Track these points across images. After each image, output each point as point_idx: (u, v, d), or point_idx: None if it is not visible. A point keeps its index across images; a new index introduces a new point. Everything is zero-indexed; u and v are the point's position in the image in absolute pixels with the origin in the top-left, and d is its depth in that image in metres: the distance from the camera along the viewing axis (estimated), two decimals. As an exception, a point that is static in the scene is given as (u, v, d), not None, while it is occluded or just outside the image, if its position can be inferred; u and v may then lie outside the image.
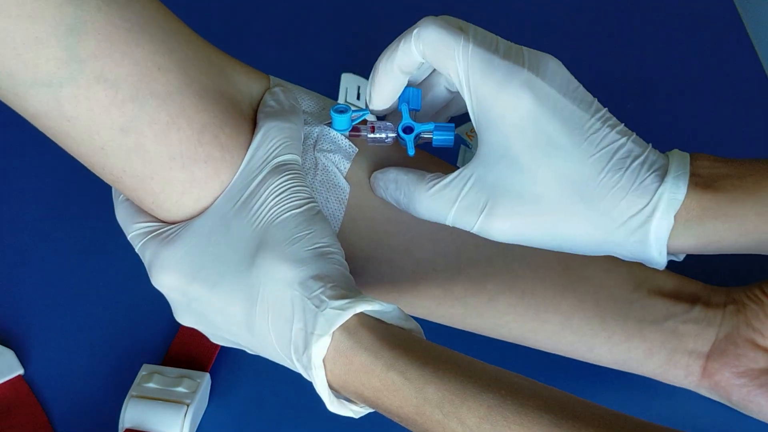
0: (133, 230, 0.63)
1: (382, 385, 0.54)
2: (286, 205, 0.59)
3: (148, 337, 0.76)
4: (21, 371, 0.74)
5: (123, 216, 0.64)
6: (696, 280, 0.74)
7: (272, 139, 0.61)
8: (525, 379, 0.53)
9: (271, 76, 0.66)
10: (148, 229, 0.62)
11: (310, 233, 0.58)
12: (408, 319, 0.57)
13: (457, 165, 0.75)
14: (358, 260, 0.65)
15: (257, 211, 0.59)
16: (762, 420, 0.72)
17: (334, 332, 0.55)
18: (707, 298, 0.73)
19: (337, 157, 0.64)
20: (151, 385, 0.71)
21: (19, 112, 0.59)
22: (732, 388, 0.71)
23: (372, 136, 0.65)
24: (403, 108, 0.64)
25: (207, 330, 0.62)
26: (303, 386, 0.59)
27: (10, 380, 0.74)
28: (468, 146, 0.68)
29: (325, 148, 0.65)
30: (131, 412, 0.70)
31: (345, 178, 0.65)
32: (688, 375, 0.72)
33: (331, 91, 0.88)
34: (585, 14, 1.00)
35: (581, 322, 0.71)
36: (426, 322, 0.70)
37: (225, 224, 0.60)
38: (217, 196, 0.61)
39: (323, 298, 0.55)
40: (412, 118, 0.64)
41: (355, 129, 0.65)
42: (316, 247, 0.58)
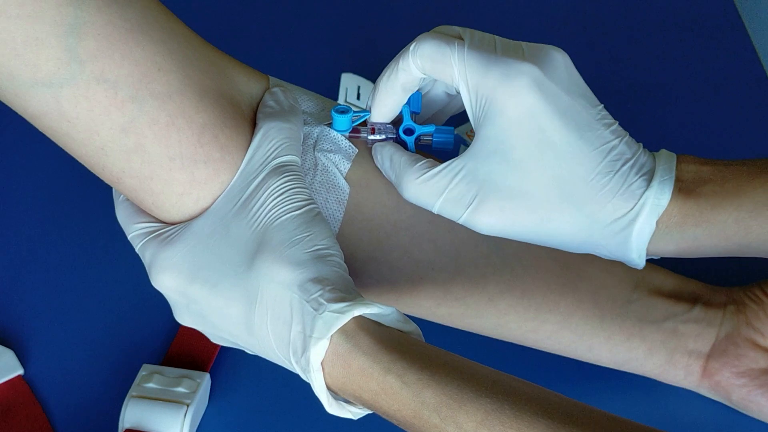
0: (133, 230, 0.63)
1: (380, 389, 0.54)
2: (286, 207, 0.59)
3: (148, 337, 0.76)
4: (21, 371, 0.74)
5: (123, 216, 0.64)
6: (696, 280, 0.74)
7: (272, 140, 0.61)
8: (522, 383, 0.53)
9: (270, 77, 0.66)
10: (148, 230, 0.62)
11: (309, 235, 0.58)
12: (407, 321, 0.57)
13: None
14: (357, 261, 0.65)
15: (256, 212, 0.59)
16: (762, 420, 0.72)
17: (332, 335, 0.55)
18: (707, 298, 0.73)
19: (337, 158, 0.64)
20: (151, 385, 0.71)
21: (20, 113, 0.59)
22: (732, 388, 0.71)
23: (372, 137, 0.65)
24: (405, 110, 0.65)
25: (207, 330, 0.62)
26: (303, 386, 0.59)
27: (10, 380, 0.74)
28: (468, 146, 0.68)
29: (325, 148, 0.65)
30: (131, 412, 0.70)
31: (345, 178, 0.65)
32: (688, 375, 0.72)
33: (331, 91, 0.89)
34: (585, 15, 1.00)
35: (580, 321, 0.71)
36: (426, 323, 0.70)
37: (224, 225, 0.60)
38: (217, 197, 0.61)
39: (321, 301, 0.55)
40: (412, 120, 0.65)
41: (355, 130, 0.65)
42: (315, 250, 0.58)
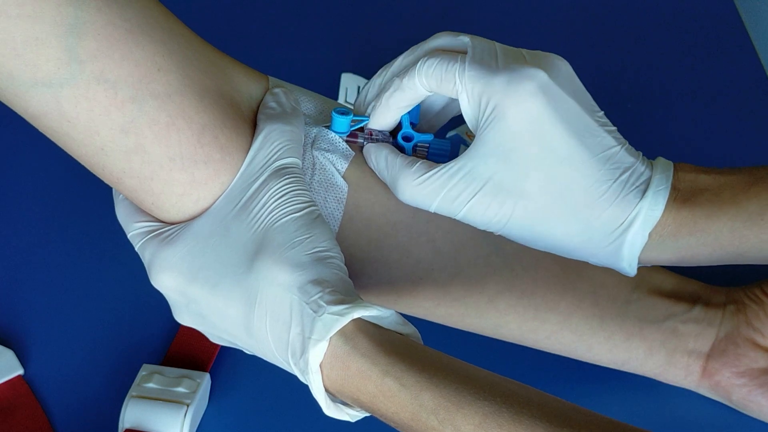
0: (133, 229, 0.62)
1: (378, 391, 0.54)
2: (287, 209, 0.59)
3: (148, 337, 0.76)
4: (21, 371, 0.74)
5: (123, 214, 0.64)
6: (696, 280, 0.74)
7: (273, 142, 0.61)
8: (521, 386, 0.53)
9: (270, 77, 0.66)
10: (148, 229, 0.62)
11: (309, 237, 0.58)
12: (406, 323, 0.57)
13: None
14: (356, 261, 0.65)
15: (257, 214, 0.59)
16: (762, 420, 0.72)
17: (331, 337, 0.55)
18: (707, 298, 0.73)
19: (335, 157, 0.64)
20: (151, 385, 0.71)
21: (20, 113, 0.59)
22: (732, 387, 0.71)
23: (369, 144, 0.65)
24: (404, 119, 0.65)
25: (206, 330, 0.62)
26: (302, 386, 0.59)
27: (10, 380, 0.74)
28: (468, 146, 0.68)
29: (323, 148, 0.65)
30: (131, 412, 0.70)
31: (342, 177, 0.65)
32: (688, 375, 0.72)
33: (331, 91, 0.89)
34: (584, 16, 1.00)
35: (580, 321, 0.71)
36: (425, 323, 0.70)
37: (224, 226, 0.60)
38: (217, 197, 0.61)
39: (321, 303, 0.55)
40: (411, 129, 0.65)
41: (353, 135, 0.65)
42: (316, 252, 0.57)
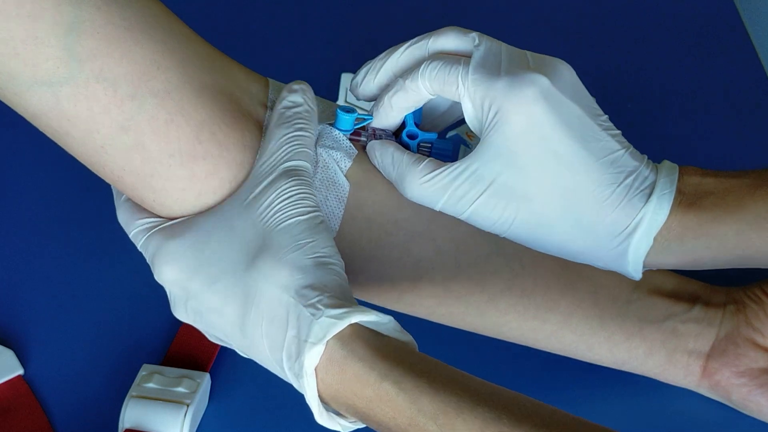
0: (136, 227, 0.62)
1: (376, 396, 0.53)
2: (292, 211, 0.59)
3: (148, 337, 0.76)
4: (21, 371, 0.74)
5: (124, 216, 0.64)
6: (696, 279, 0.74)
7: (284, 145, 0.61)
8: (520, 396, 0.53)
9: (270, 80, 0.66)
10: (151, 224, 0.62)
11: (312, 242, 0.58)
12: (403, 331, 0.56)
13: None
14: (357, 259, 0.65)
15: (262, 213, 0.59)
16: (762, 420, 0.72)
17: (327, 341, 0.54)
18: (707, 298, 0.73)
19: (339, 155, 0.64)
20: (151, 385, 0.71)
21: (19, 112, 0.59)
22: (732, 387, 0.71)
23: (373, 141, 0.65)
24: (408, 118, 0.65)
25: (202, 327, 0.62)
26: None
27: (10, 380, 0.74)
28: (468, 146, 0.68)
29: (327, 145, 0.65)
30: (131, 412, 0.70)
31: (345, 176, 0.65)
32: (688, 375, 0.72)
33: (331, 91, 0.89)
34: (584, 18, 1.00)
35: (580, 321, 0.71)
36: (426, 323, 0.70)
37: (229, 223, 0.60)
38: (217, 192, 0.61)
39: (319, 306, 0.55)
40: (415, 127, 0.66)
41: (356, 133, 0.65)
42: (317, 256, 0.57)
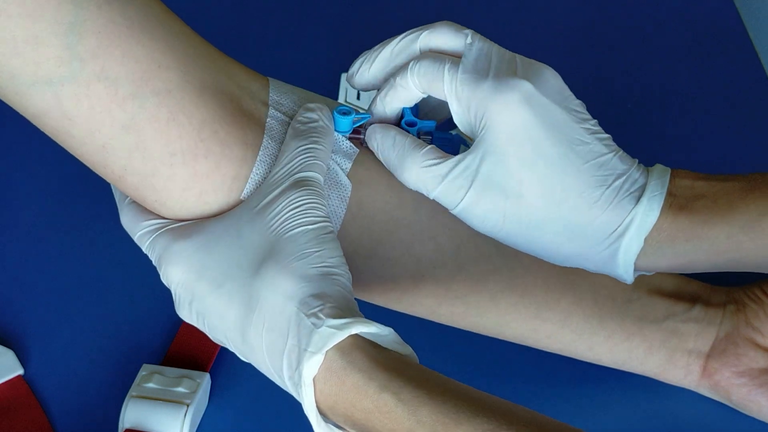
0: (141, 228, 0.62)
1: (374, 407, 0.53)
2: (300, 220, 0.59)
3: (148, 337, 0.76)
4: (21, 371, 0.74)
5: (128, 219, 0.64)
6: (696, 279, 0.74)
7: (298, 156, 0.61)
8: (518, 407, 0.53)
9: (270, 78, 0.66)
10: (157, 226, 0.62)
11: (318, 251, 0.58)
12: (403, 344, 0.56)
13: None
14: (359, 258, 0.65)
15: (271, 220, 0.59)
16: (762, 420, 0.72)
17: (327, 351, 0.54)
18: (707, 298, 0.73)
19: (339, 157, 0.65)
20: (151, 385, 0.71)
21: (20, 112, 0.60)
22: (732, 387, 0.71)
23: (375, 125, 0.65)
24: (405, 110, 0.65)
25: (205, 329, 0.62)
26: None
27: (10, 380, 0.74)
28: (468, 146, 0.68)
29: (328, 147, 0.65)
30: (131, 412, 0.70)
31: (346, 176, 0.65)
32: (688, 374, 0.72)
33: (331, 91, 0.89)
34: (585, 19, 1.00)
35: (580, 321, 0.71)
36: (427, 322, 0.70)
37: (238, 229, 0.60)
38: (219, 190, 0.61)
39: (321, 316, 0.55)
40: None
41: (356, 131, 0.65)
42: (323, 267, 0.57)
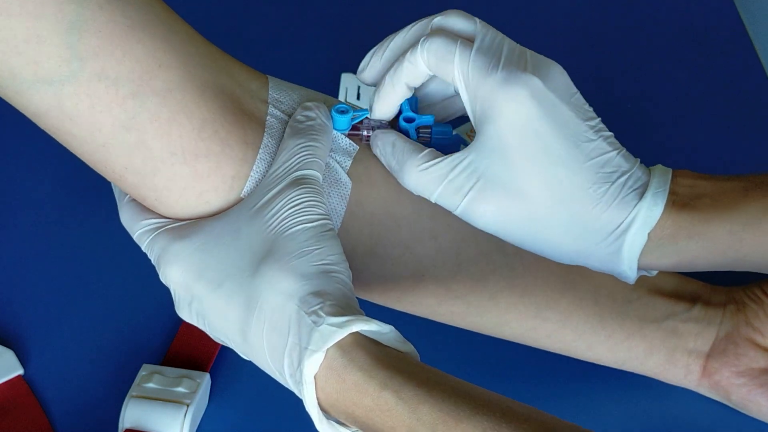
0: (140, 227, 0.62)
1: (375, 405, 0.53)
2: (299, 218, 0.59)
3: (148, 337, 0.76)
4: (21, 371, 0.74)
5: (127, 216, 0.64)
6: (696, 279, 0.74)
7: (296, 155, 0.61)
8: (518, 404, 0.53)
9: (270, 77, 0.66)
10: (156, 225, 0.62)
11: (318, 249, 0.58)
12: (404, 341, 0.56)
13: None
14: (359, 256, 0.65)
15: (269, 219, 0.59)
16: (762, 420, 0.72)
17: (328, 349, 0.54)
18: (707, 298, 0.73)
19: (338, 156, 0.65)
20: (151, 385, 0.71)
21: (21, 111, 0.60)
22: (732, 387, 0.71)
23: (377, 131, 0.65)
24: (404, 105, 0.65)
25: (205, 329, 0.62)
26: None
27: (10, 380, 0.74)
28: (467, 145, 0.68)
29: (327, 145, 0.65)
30: (131, 412, 0.70)
31: (347, 174, 0.65)
32: (688, 374, 0.72)
33: (331, 91, 0.89)
34: (584, 16, 1.01)
35: (580, 320, 0.71)
36: (427, 321, 0.70)
37: (236, 228, 0.60)
38: (219, 189, 0.61)
39: (321, 314, 0.55)
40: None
41: (354, 128, 0.65)
42: (322, 264, 0.57)
